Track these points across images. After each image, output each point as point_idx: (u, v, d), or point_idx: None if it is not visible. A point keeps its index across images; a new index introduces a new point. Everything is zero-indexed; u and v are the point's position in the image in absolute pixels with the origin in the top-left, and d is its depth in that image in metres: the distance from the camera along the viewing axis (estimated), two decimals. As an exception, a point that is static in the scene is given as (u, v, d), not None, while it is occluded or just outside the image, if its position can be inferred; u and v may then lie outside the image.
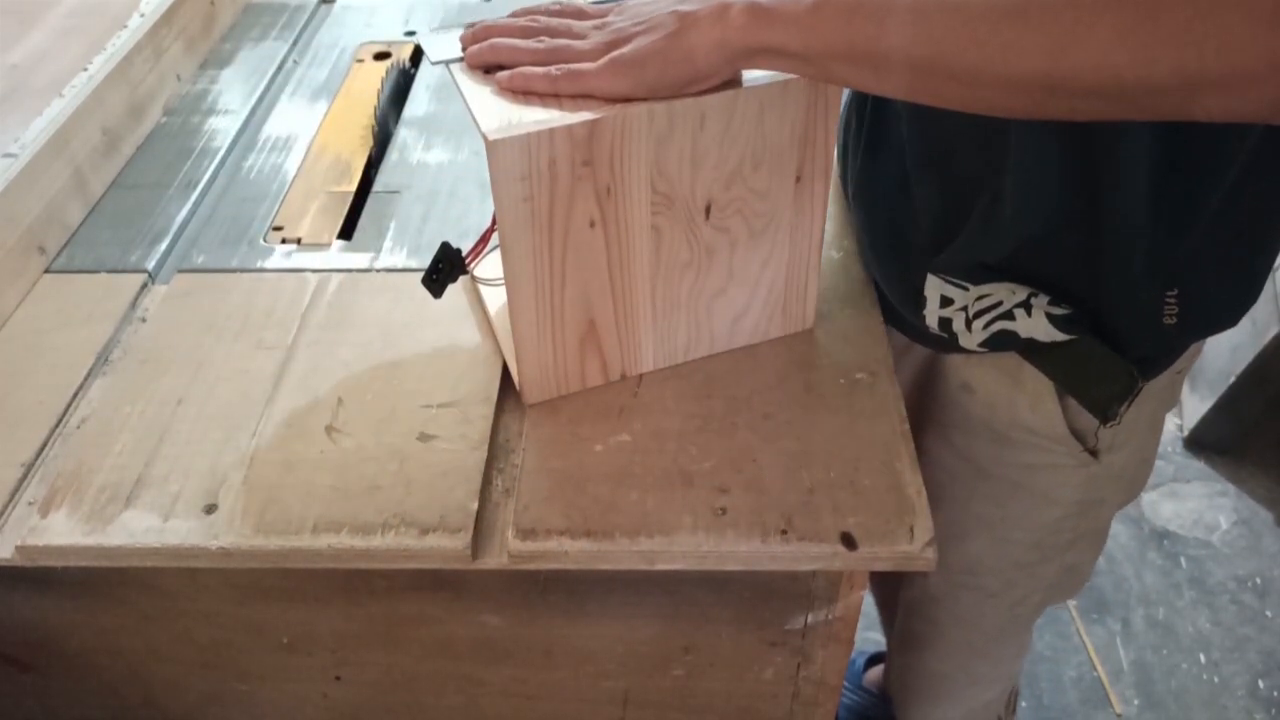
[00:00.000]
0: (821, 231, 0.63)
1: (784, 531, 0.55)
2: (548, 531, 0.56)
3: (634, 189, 0.56)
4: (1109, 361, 0.62)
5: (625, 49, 0.53)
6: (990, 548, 0.79)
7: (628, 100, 0.53)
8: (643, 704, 0.70)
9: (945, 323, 0.67)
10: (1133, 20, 0.39)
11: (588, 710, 0.71)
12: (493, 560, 0.56)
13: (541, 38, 0.57)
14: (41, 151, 0.76)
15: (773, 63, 0.52)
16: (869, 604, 1.19)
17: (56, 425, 0.64)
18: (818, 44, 0.49)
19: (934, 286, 0.66)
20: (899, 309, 0.70)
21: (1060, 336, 0.62)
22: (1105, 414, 0.64)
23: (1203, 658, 1.39)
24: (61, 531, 0.56)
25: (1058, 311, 0.62)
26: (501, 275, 0.58)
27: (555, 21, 0.59)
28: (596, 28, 0.57)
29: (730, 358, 0.67)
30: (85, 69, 0.85)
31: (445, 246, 0.62)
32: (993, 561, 0.81)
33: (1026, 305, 0.62)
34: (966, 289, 0.64)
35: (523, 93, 0.55)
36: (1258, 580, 1.49)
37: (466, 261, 0.63)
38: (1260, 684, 1.36)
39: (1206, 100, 0.39)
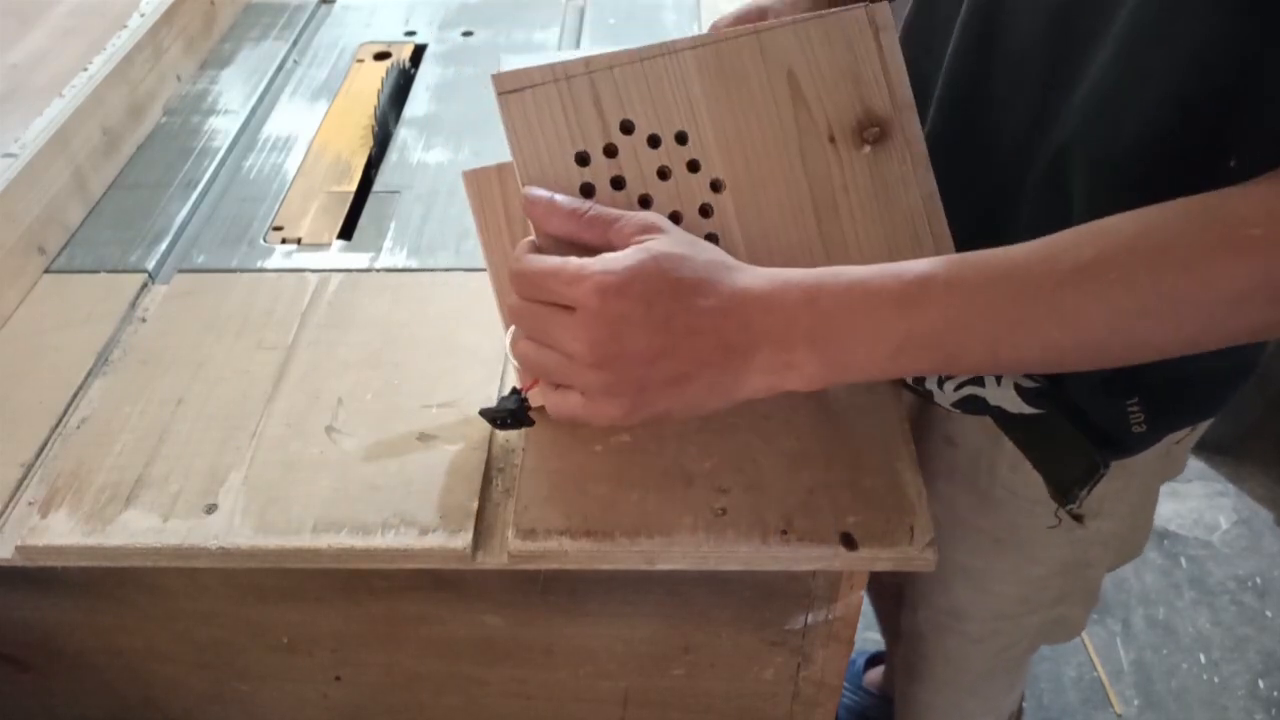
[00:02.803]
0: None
1: (784, 531, 0.55)
2: (548, 531, 0.56)
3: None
4: (1073, 443, 0.60)
5: (647, 406, 0.48)
6: (974, 597, 0.79)
7: None
8: (643, 704, 0.70)
9: (919, 379, 0.65)
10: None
11: (588, 710, 0.71)
12: (493, 560, 0.56)
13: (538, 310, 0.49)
14: (41, 151, 0.76)
15: None
16: (869, 604, 1.19)
17: (56, 425, 0.63)
18: (889, 376, 0.51)
19: None
20: None
21: (1027, 410, 0.60)
22: (1065, 496, 0.62)
23: (1203, 658, 1.39)
24: (61, 531, 0.56)
25: (1027, 384, 0.60)
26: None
27: (544, 286, 0.48)
28: (589, 337, 0.46)
29: (730, 358, 0.66)
30: (85, 69, 0.85)
31: (516, 393, 0.56)
32: (976, 610, 0.80)
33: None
34: None
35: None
36: (1258, 580, 1.49)
37: (525, 400, 0.56)
38: (1260, 684, 1.36)
39: None
